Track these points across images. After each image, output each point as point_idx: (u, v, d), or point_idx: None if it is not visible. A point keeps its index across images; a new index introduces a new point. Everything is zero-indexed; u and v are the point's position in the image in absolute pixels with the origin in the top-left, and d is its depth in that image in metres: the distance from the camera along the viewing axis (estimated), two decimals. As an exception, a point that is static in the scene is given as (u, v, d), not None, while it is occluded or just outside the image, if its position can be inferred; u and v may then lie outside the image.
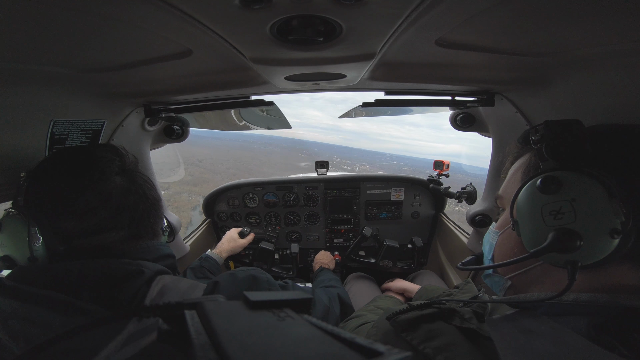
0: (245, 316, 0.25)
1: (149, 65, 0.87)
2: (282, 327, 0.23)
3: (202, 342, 0.21)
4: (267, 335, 0.22)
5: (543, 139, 0.50)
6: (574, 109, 0.94)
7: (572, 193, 0.47)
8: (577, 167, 0.48)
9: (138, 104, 1.31)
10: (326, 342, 0.21)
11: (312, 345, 0.21)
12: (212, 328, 0.22)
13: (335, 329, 0.23)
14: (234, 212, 2.24)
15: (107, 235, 0.70)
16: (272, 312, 0.26)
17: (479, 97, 1.28)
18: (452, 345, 0.49)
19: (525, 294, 0.55)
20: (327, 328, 0.24)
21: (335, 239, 2.28)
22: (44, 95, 0.91)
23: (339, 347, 0.21)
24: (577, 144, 0.48)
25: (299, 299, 0.29)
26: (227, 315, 0.25)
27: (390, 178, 2.19)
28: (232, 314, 0.25)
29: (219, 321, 0.23)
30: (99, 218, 0.68)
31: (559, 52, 0.77)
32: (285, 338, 0.22)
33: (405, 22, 0.62)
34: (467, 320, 0.54)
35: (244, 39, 0.70)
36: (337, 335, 0.23)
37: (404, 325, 0.55)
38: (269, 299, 0.27)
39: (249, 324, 0.24)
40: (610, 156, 0.49)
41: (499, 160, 1.45)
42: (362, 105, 1.41)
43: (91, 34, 0.64)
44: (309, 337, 0.22)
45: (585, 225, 0.46)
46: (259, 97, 1.35)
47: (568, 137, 0.48)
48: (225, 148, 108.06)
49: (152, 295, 0.64)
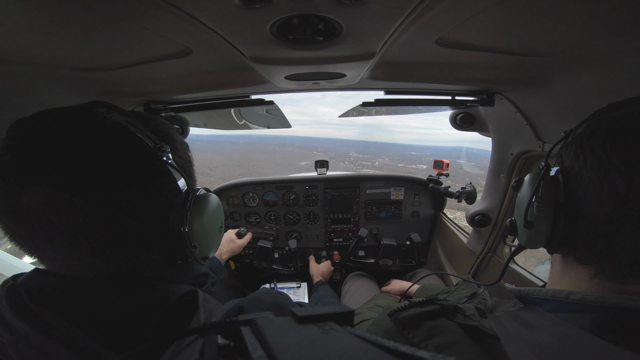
0: (294, 330, 0.27)
1: (149, 64, 0.87)
2: (327, 339, 0.25)
3: (259, 355, 0.23)
4: (315, 347, 0.23)
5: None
6: (574, 109, 0.94)
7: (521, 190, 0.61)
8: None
9: (138, 103, 1.30)
10: (370, 351, 0.23)
11: (356, 355, 0.22)
12: (266, 342, 0.24)
13: (378, 339, 0.24)
14: (233, 211, 2.24)
15: (139, 257, 0.55)
16: (317, 325, 0.28)
17: (478, 97, 1.28)
18: (454, 343, 0.49)
19: (527, 288, 0.55)
20: (370, 338, 0.25)
21: (335, 238, 2.29)
22: (43, 94, 0.91)
23: (382, 355, 0.22)
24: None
25: (341, 312, 0.30)
26: (278, 330, 0.27)
27: (390, 177, 2.19)
28: (283, 328, 0.27)
29: (271, 336, 0.25)
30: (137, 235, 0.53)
31: (559, 52, 0.77)
32: (331, 349, 0.23)
33: (405, 21, 0.62)
34: (470, 317, 0.53)
35: (244, 38, 0.70)
36: (380, 344, 0.24)
37: (406, 323, 0.54)
38: (314, 314, 0.29)
39: (298, 337, 0.25)
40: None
41: (499, 159, 1.46)
42: (362, 104, 1.41)
43: (91, 33, 0.64)
44: (353, 347, 0.23)
45: (517, 216, 0.60)
46: (258, 97, 1.35)
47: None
48: (240, 152, 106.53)
49: (204, 314, 0.55)
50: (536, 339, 0.42)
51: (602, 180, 0.43)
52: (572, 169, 0.49)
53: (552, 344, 0.40)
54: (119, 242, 0.50)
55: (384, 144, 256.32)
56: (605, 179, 0.42)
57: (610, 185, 0.42)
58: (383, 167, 79.89)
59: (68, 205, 0.45)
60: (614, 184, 0.41)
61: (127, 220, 0.50)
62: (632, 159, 0.40)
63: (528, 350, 0.40)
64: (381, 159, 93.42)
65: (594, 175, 0.44)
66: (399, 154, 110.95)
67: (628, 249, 0.41)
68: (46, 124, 0.49)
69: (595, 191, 0.44)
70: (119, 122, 0.52)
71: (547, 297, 0.50)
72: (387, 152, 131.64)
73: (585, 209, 0.46)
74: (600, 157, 0.43)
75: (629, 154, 0.40)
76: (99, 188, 0.47)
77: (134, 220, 0.51)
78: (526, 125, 1.18)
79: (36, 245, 0.48)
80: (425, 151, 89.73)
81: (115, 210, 0.48)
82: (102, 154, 0.48)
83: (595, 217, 0.44)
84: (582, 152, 0.47)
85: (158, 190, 0.54)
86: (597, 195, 0.43)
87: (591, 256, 0.47)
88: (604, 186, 0.42)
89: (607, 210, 0.42)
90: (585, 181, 0.45)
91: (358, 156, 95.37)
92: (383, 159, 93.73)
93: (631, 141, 0.40)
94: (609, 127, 0.44)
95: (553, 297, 0.49)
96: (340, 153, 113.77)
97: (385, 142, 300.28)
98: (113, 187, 0.48)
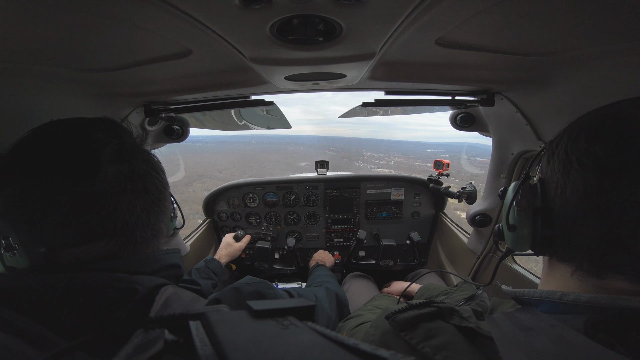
0: (249, 326, 0.25)
1: (149, 65, 0.87)
2: (285, 336, 0.24)
3: (207, 354, 0.21)
4: (271, 344, 0.22)
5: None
6: (574, 109, 0.94)
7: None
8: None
9: (138, 103, 1.30)
10: (330, 350, 0.22)
11: (316, 353, 0.21)
12: (217, 339, 0.23)
13: (338, 336, 0.23)
14: (234, 212, 2.24)
15: (95, 245, 0.58)
16: (275, 320, 0.26)
17: (479, 97, 1.28)
18: (450, 344, 0.49)
19: (522, 289, 0.56)
20: (330, 335, 0.24)
21: (336, 238, 2.28)
22: (43, 95, 0.91)
23: (342, 354, 0.21)
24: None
25: (302, 306, 0.29)
26: (231, 325, 0.25)
27: (390, 178, 2.19)
28: (236, 323, 0.26)
29: (223, 331, 0.23)
30: (85, 224, 0.56)
31: (559, 52, 0.77)
32: (289, 347, 0.22)
33: (405, 21, 0.62)
34: (466, 319, 0.54)
35: (244, 39, 0.70)
36: (340, 342, 0.23)
37: (403, 325, 0.55)
38: (272, 308, 0.28)
39: (253, 333, 0.24)
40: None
41: (499, 159, 1.46)
42: (362, 105, 1.41)
43: (91, 33, 0.64)
44: (313, 344, 0.22)
45: (503, 221, 0.63)
46: (258, 97, 1.35)
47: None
48: (252, 152, 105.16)
49: (157, 307, 0.55)
50: (532, 343, 0.43)
51: (565, 180, 0.47)
52: (546, 174, 0.53)
53: (548, 348, 0.41)
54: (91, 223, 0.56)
55: (398, 142, 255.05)
56: (568, 179, 0.47)
57: (572, 183, 0.46)
58: (399, 166, 79.14)
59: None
60: (574, 182, 0.46)
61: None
62: (585, 158, 0.45)
63: (523, 355, 0.41)
64: (396, 158, 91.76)
65: (559, 176, 0.49)
66: (414, 152, 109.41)
67: (595, 242, 0.44)
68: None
69: (562, 191, 0.48)
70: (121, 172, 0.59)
71: (542, 298, 0.51)
72: (401, 150, 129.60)
73: (556, 208, 0.50)
74: (564, 159, 0.48)
75: (582, 154, 0.45)
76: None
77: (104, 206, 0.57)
78: (526, 125, 1.18)
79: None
80: (441, 148, 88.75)
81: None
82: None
83: (564, 215, 0.48)
84: (551, 158, 0.52)
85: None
86: (564, 195, 0.48)
87: (568, 253, 0.50)
88: (567, 185, 0.47)
89: (572, 207, 0.47)
90: (555, 183, 0.50)
91: (372, 155, 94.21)
92: (398, 158, 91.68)
93: (584, 143, 0.46)
94: (570, 133, 0.50)
95: (547, 298, 0.50)
96: (353, 152, 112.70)
97: (399, 140, 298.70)
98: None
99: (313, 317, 0.29)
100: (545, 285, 0.57)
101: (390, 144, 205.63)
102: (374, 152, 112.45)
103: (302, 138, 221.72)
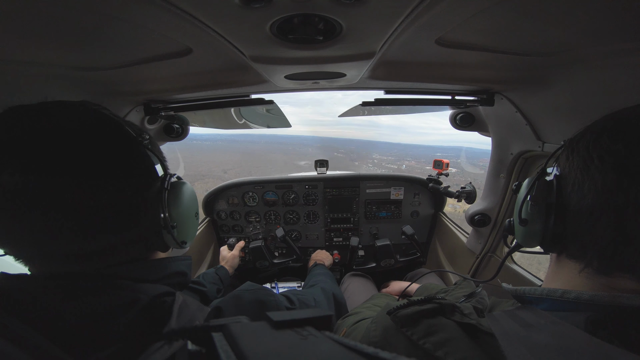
0: (269, 336, 0.26)
1: (149, 63, 0.87)
2: (305, 346, 0.24)
3: None
4: (293, 354, 0.23)
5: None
6: (574, 109, 0.94)
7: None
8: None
9: (138, 102, 1.30)
10: (350, 358, 0.22)
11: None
12: (240, 350, 0.23)
13: (357, 344, 0.24)
14: (233, 210, 2.24)
15: (102, 249, 0.55)
16: (295, 331, 0.27)
17: (478, 97, 1.28)
18: (451, 341, 0.50)
19: (523, 287, 0.56)
20: (349, 344, 0.24)
21: (335, 238, 2.29)
22: (43, 94, 0.91)
23: None
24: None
25: (319, 316, 0.30)
26: (252, 336, 0.26)
27: (390, 177, 2.19)
28: (258, 335, 0.26)
29: (245, 343, 0.24)
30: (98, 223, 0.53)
31: (559, 52, 0.77)
32: (309, 356, 0.22)
33: (405, 21, 0.62)
34: (467, 315, 0.54)
35: (244, 38, 0.70)
36: (359, 350, 0.23)
37: (404, 321, 0.56)
38: (291, 319, 0.28)
39: (274, 344, 0.24)
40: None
41: (499, 159, 1.46)
42: (362, 104, 1.41)
43: (91, 32, 0.64)
44: (332, 353, 0.23)
45: (514, 216, 0.63)
46: (258, 96, 1.35)
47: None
48: (260, 152, 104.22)
49: (174, 317, 0.53)
50: (533, 338, 0.43)
51: (584, 177, 0.48)
52: (564, 170, 0.53)
53: (549, 343, 0.41)
54: (93, 216, 0.52)
55: (408, 145, 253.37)
56: (587, 175, 0.47)
57: (590, 180, 0.47)
58: (411, 170, 79.11)
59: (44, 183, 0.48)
60: (593, 179, 0.46)
61: (102, 195, 0.52)
62: (606, 155, 0.45)
63: (525, 349, 0.41)
64: (407, 161, 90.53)
65: (578, 172, 0.49)
66: (425, 156, 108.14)
67: (608, 239, 0.44)
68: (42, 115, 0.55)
69: (580, 187, 0.49)
70: (105, 114, 0.59)
71: (543, 296, 0.52)
72: (411, 153, 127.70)
73: (572, 204, 0.50)
74: (584, 156, 0.49)
75: (604, 151, 0.46)
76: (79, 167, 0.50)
77: (108, 195, 0.53)
78: (526, 125, 1.18)
79: (9, 229, 0.50)
80: (451, 152, 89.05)
81: (92, 186, 0.51)
82: (87, 137, 0.53)
83: (579, 211, 0.49)
84: (571, 154, 0.52)
85: (136, 169, 0.58)
86: (581, 191, 0.48)
87: (579, 250, 0.50)
88: (585, 181, 0.47)
89: (588, 203, 0.47)
90: (572, 179, 0.50)
91: (382, 158, 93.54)
92: (409, 162, 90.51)
93: (607, 140, 0.46)
94: (593, 131, 0.50)
95: (548, 295, 0.51)
96: (362, 155, 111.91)
97: (409, 144, 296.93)
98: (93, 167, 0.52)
99: (330, 327, 0.30)
100: (550, 283, 0.57)
101: (400, 147, 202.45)
102: (383, 155, 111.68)
103: (312, 139, 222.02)
